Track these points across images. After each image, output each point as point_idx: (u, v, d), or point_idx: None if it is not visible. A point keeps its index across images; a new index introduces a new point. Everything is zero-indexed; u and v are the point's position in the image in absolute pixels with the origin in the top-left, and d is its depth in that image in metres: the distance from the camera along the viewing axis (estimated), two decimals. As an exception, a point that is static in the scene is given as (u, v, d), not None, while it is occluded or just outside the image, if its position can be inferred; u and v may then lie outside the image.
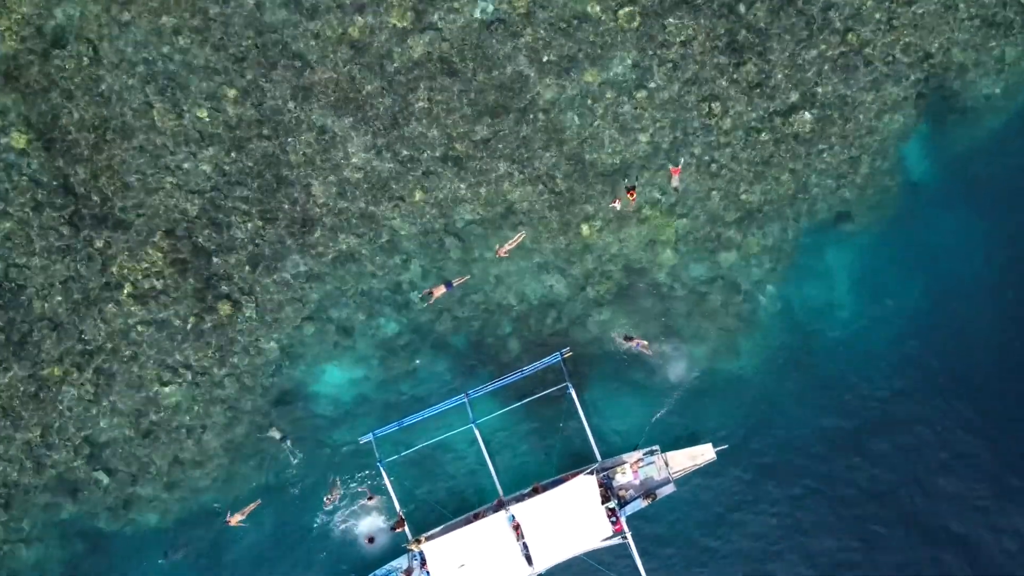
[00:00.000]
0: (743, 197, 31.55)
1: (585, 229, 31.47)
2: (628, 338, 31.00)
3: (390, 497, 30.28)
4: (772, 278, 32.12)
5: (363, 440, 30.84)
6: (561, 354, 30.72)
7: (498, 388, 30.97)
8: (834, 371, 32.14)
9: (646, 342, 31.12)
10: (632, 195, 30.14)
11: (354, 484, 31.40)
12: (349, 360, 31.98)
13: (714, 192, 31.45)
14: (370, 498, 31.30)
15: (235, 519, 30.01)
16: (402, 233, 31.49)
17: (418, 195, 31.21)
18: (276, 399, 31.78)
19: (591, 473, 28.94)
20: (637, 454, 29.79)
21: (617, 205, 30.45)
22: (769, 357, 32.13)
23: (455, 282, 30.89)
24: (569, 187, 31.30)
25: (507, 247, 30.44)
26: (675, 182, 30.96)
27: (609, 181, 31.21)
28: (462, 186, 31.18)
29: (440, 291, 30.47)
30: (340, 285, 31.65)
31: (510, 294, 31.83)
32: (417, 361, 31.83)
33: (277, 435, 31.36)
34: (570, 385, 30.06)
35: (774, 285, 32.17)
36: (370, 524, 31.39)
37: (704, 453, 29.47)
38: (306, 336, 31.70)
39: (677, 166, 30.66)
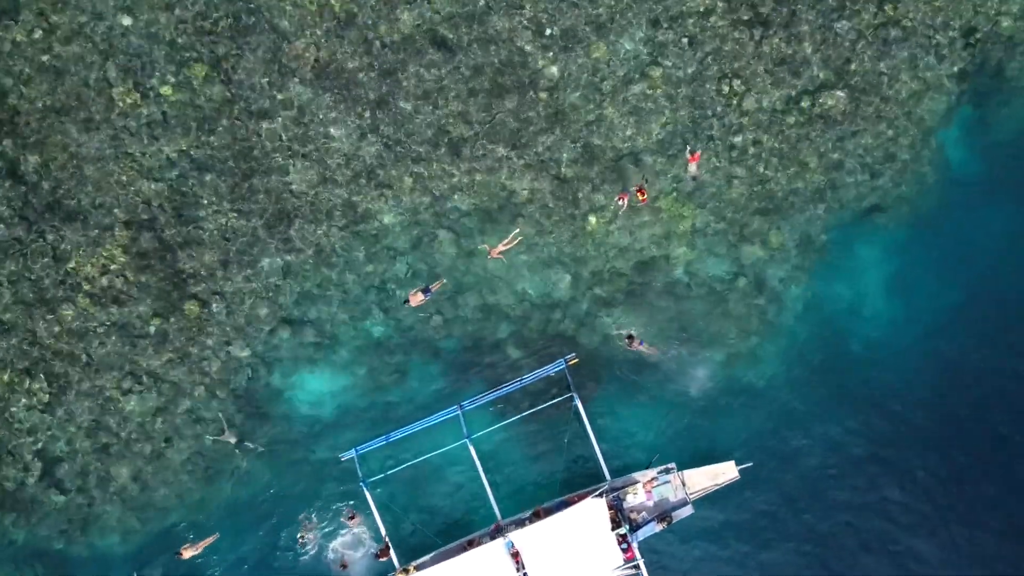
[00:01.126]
0: (767, 186, 28.44)
1: (592, 221, 28.38)
2: (630, 337, 27.87)
3: (375, 520, 27.04)
4: (797, 276, 28.96)
5: (345, 457, 27.67)
6: (565, 361, 27.59)
7: (495, 399, 27.83)
8: (864, 382, 28.83)
9: (650, 347, 28.00)
10: (643, 195, 27.04)
11: (332, 511, 28.22)
12: (330, 367, 28.85)
13: (735, 180, 28.36)
14: (351, 517, 28.11)
15: (188, 552, 26.76)
16: (389, 226, 28.40)
17: (407, 183, 28.15)
18: (249, 410, 28.62)
19: (600, 495, 25.71)
20: (651, 472, 26.55)
21: (623, 202, 27.36)
22: (793, 364, 28.91)
23: (433, 287, 27.84)
24: (575, 174, 28.23)
25: (500, 248, 27.38)
26: (692, 170, 27.89)
27: (618, 169, 28.13)
28: (456, 173, 28.11)
29: (418, 299, 27.44)
30: (320, 284, 28.55)
31: (508, 293, 28.72)
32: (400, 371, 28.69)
33: (232, 439, 28.10)
34: (576, 396, 26.91)
35: (799, 284, 29.00)
36: (351, 548, 28.16)
37: (726, 472, 26.23)
38: (282, 341, 28.57)
39: (695, 152, 27.61)
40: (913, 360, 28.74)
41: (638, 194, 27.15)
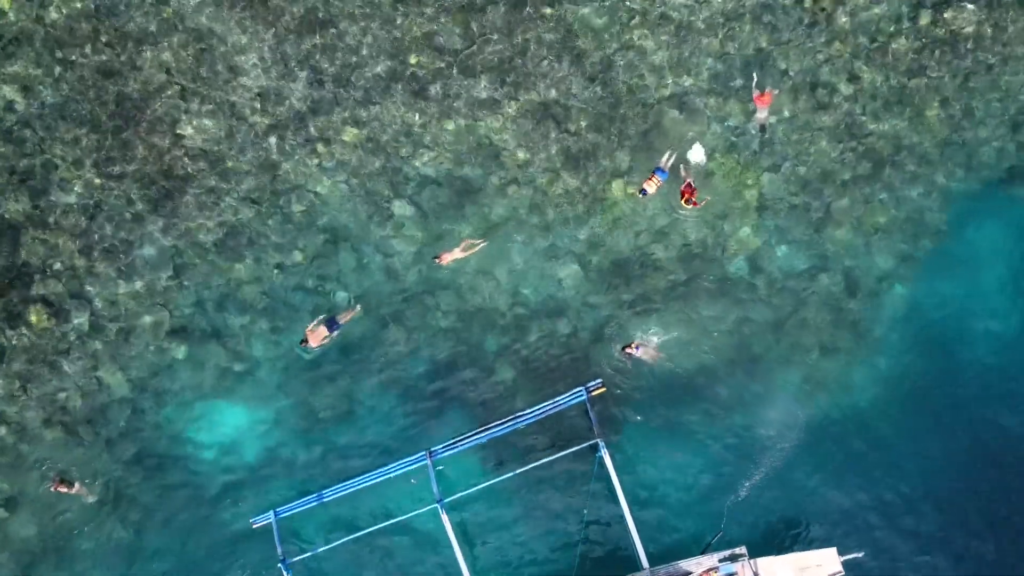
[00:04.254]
0: (866, 142, 19.93)
1: (616, 189, 19.92)
2: (629, 347, 19.60)
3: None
4: (904, 271, 20.45)
5: (258, 523, 19.49)
6: (587, 390, 19.30)
7: (480, 445, 19.58)
8: (998, 419, 20.49)
9: (656, 351, 19.79)
10: (690, 195, 18.88)
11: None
12: (245, 398, 20.49)
13: (821, 134, 19.83)
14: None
15: None
16: (325, 198, 19.97)
17: (349, 135, 19.68)
18: (130, 458, 20.24)
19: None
20: (710, 560, 18.03)
21: (651, 188, 19.05)
22: (899, 394, 20.45)
23: (342, 318, 19.67)
24: (590, 126, 19.74)
25: (454, 255, 19.28)
26: (761, 116, 19.44)
27: (653, 118, 19.64)
28: (418, 120, 19.62)
29: (320, 336, 19.58)
30: (228, 282, 20.13)
31: (498, 293, 20.33)
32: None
33: (90, 496, 19.81)
34: (602, 443, 18.59)
35: (906, 282, 20.50)
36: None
37: (823, 563, 17.70)
38: (176, 360, 20.18)
39: (765, 92, 19.19)
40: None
41: (684, 195, 18.91)
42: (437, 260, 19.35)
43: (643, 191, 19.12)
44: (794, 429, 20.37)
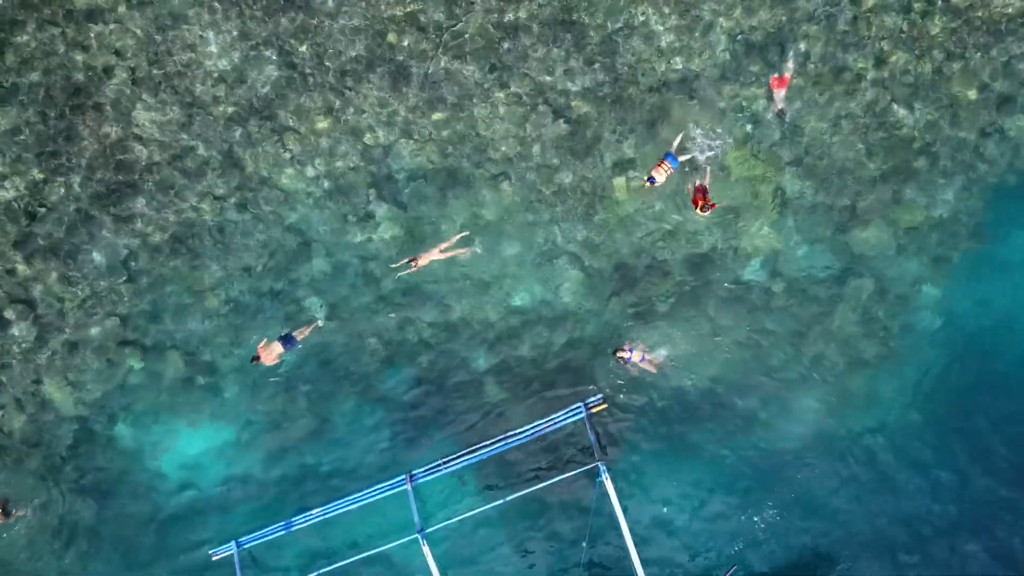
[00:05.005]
0: (897, 131, 17.90)
1: (619, 186, 17.91)
2: (621, 350, 17.51)
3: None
4: (939, 276, 18.40)
5: (218, 555, 17.59)
6: (587, 407, 17.32)
7: (466, 468, 17.61)
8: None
9: (654, 355, 17.71)
10: (703, 201, 16.80)
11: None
12: (208, 416, 18.52)
13: (845, 122, 17.81)
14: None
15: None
16: (294, 193, 17.99)
17: (321, 125, 17.68)
18: (77, 482, 18.24)
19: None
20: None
21: (660, 177, 16.97)
22: (933, 412, 18.42)
23: (299, 333, 17.64)
24: (591, 113, 17.75)
25: (432, 256, 17.37)
26: (779, 101, 17.42)
27: (659, 106, 17.64)
28: (401, 109, 17.63)
29: (273, 354, 17.44)
30: (189, 286, 18.15)
31: (488, 300, 18.36)
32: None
33: (14, 516, 17.81)
34: (603, 467, 16.58)
35: (939, 286, 18.47)
36: None
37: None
38: (130, 375, 18.19)
39: (784, 74, 17.21)
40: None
41: (697, 201, 16.89)
42: (412, 264, 17.33)
43: (651, 179, 17.05)
44: (816, 450, 18.38)
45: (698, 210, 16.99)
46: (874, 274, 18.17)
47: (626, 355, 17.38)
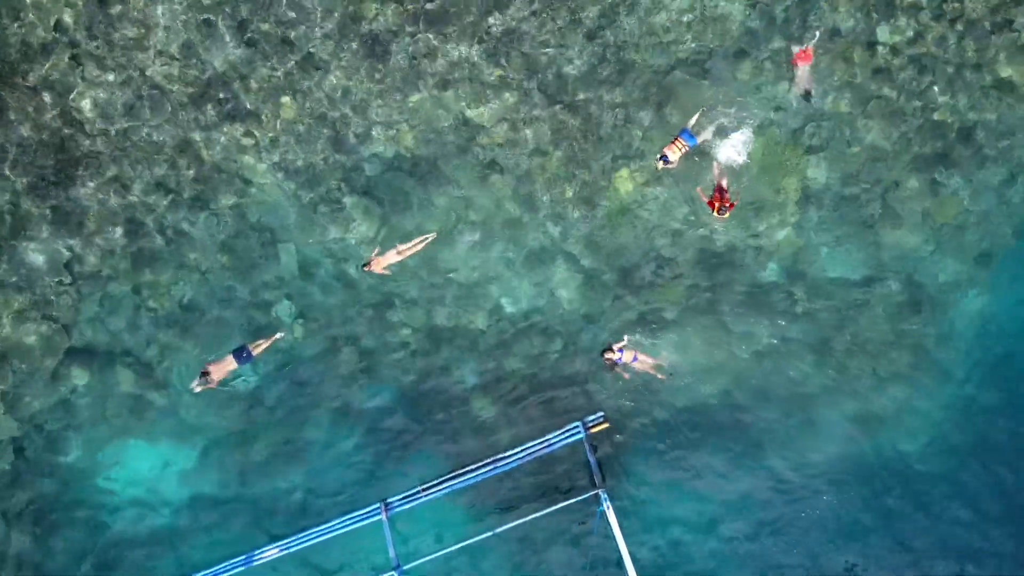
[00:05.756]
0: (933, 116, 15.92)
1: (623, 178, 15.95)
2: (609, 351, 15.48)
3: None
4: (980, 279, 16.40)
5: (169, 594, 15.72)
6: (585, 426, 15.42)
7: (452, 495, 15.68)
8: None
9: (652, 360, 15.76)
10: (719, 205, 14.81)
11: None
12: (161, 433, 16.61)
13: (875, 103, 15.85)
14: None
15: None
16: (258, 185, 16.06)
17: (287, 108, 15.73)
18: (17, 511, 16.30)
19: None
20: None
21: (674, 155, 14.99)
22: (972, 431, 16.44)
23: (255, 347, 15.70)
24: (589, 97, 15.78)
25: (389, 258, 15.47)
26: (802, 78, 15.46)
27: (665, 90, 15.70)
28: (374, 90, 15.67)
29: (226, 369, 15.55)
30: (140, 290, 16.22)
31: (476, 305, 16.43)
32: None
33: None
34: (604, 495, 14.71)
35: (982, 293, 16.48)
36: None
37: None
38: (75, 390, 16.25)
39: (807, 47, 15.26)
40: None
41: (714, 203, 14.93)
42: (365, 268, 15.45)
43: (664, 158, 15.04)
44: (841, 474, 16.43)
45: (715, 212, 15.04)
46: (906, 276, 16.20)
47: (615, 356, 15.33)
